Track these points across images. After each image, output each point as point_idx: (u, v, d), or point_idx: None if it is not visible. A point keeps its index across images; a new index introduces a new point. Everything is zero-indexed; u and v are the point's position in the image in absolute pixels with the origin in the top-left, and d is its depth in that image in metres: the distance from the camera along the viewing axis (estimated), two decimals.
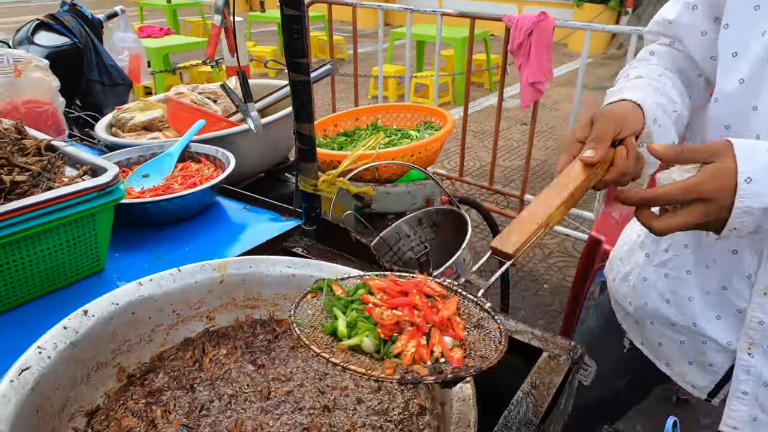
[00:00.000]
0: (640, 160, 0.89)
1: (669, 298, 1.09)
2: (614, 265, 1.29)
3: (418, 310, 0.69)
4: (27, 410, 0.69)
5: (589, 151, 0.84)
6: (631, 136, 0.88)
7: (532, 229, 0.76)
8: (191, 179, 1.36)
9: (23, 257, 0.94)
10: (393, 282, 0.75)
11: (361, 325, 0.67)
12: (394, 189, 1.58)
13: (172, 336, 0.94)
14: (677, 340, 1.12)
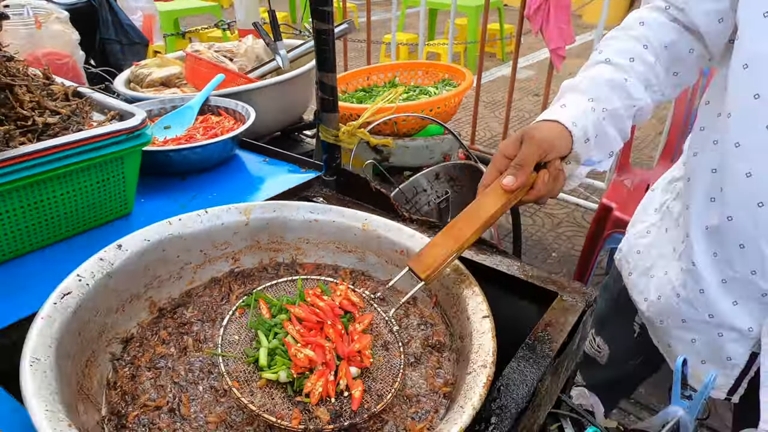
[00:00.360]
0: (561, 179, 0.92)
1: (680, 292, 1.06)
2: (630, 258, 1.25)
3: (332, 341, 0.79)
4: (71, 330, 0.73)
5: (509, 177, 0.86)
6: (556, 159, 0.90)
7: (446, 254, 0.84)
8: (212, 131, 1.38)
9: (56, 196, 0.98)
10: (312, 311, 0.83)
11: (279, 359, 0.76)
12: (412, 143, 1.60)
13: (199, 275, 0.97)
14: (688, 339, 1.09)
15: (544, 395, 0.78)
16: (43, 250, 1.01)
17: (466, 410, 0.63)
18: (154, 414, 0.72)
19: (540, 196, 0.89)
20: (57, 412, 0.60)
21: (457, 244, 0.84)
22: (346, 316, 0.85)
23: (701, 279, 1.01)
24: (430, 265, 0.82)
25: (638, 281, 1.20)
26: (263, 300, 0.86)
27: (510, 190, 0.86)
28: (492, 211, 0.86)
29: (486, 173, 0.92)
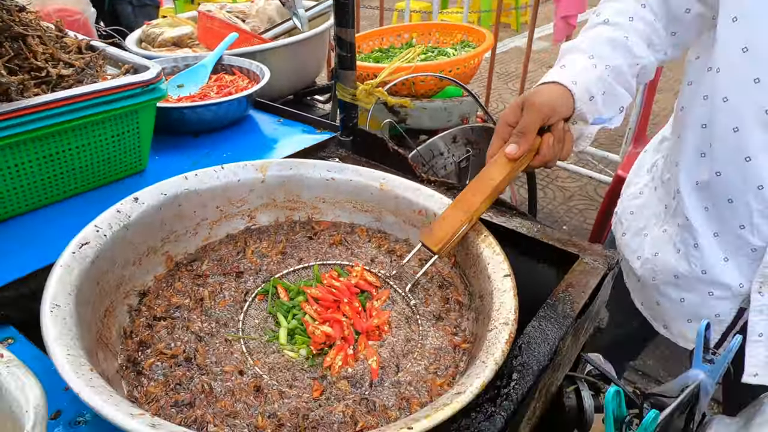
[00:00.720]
0: (568, 141, 0.90)
1: (680, 248, 1.08)
2: (623, 219, 1.28)
3: (348, 318, 0.80)
4: (89, 280, 0.73)
5: (512, 146, 0.86)
6: (560, 121, 0.88)
7: (457, 226, 0.84)
8: (226, 89, 1.36)
9: (71, 149, 0.96)
10: (328, 291, 0.84)
11: (298, 338, 0.77)
12: (430, 104, 1.57)
13: (215, 231, 0.97)
14: (677, 298, 1.12)
15: (564, 355, 0.77)
16: (59, 203, 1.01)
17: (489, 365, 0.63)
18: (171, 362, 0.72)
19: (546, 161, 0.89)
20: (78, 356, 0.59)
21: (467, 215, 0.84)
22: (363, 294, 0.86)
23: (696, 233, 1.03)
24: (441, 239, 0.83)
25: (631, 241, 1.22)
26: (281, 286, 0.87)
27: (513, 158, 0.86)
28: (498, 180, 0.86)
29: (491, 143, 0.92)
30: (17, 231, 0.93)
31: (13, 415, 0.38)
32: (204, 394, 0.67)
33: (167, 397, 0.67)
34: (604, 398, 0.69)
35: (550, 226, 0.97)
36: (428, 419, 0.55)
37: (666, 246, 1.12)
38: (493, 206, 1.03)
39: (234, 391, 0.68)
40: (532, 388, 0.67)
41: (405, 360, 0.76)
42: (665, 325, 1.19)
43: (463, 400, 0.58)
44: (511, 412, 0.63)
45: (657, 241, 1.15)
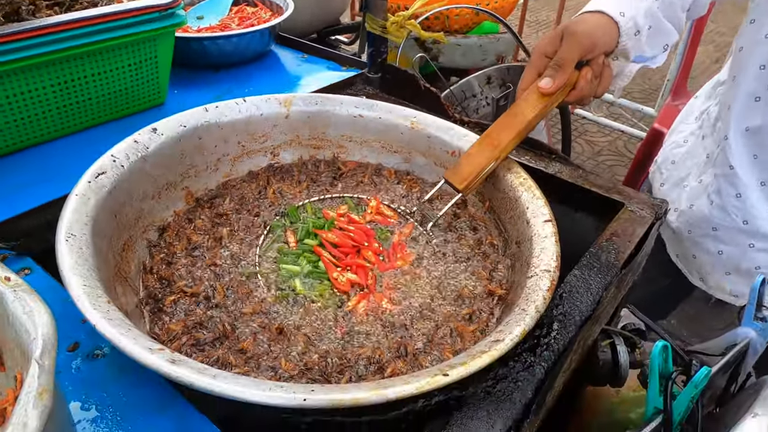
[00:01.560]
0: (606, 77, 0.82)
1: (714, 199, 1.04)
2: (663, 169, 1.22)
3: (371, 263, 0.77)
4: (106, 210, 0.69)
5: (546, 79, 0.79)
6: (600, 56, 0.80)
7: (484, 164, 0.78)
8: (248, 21, 1.28)
9: (87, 76, 0.91)
10: (346, 235, 0.79)
11: (319, 288, 0.73)
12: (464, 41, 1.47)
13: (237, 167, 0.92)
14: (715, 250, 1.08)
15: (606, 307, 0.73)
16: (76, 135, 0.97)
17: (529, 313, 0.58)
18: (191, 300, 0.69)
19: (582, 97, 0.82)
20: (95, 288, 0.56)
21: (494, 152, 0.79)
22: (382, 229, 0.82)
23: (739, 182, 0.98)
24: (467, 176, 0.78)
25: (669, 192, 1.18)
26: (290, 230, 0.82)
27: (547, 93, 0.79)
28: (530, 116, 0.80)
29: (523, 75, 0.85)
30: (33, 162, 0.89)
31: (22, 342, 0.35)
32: (226, 335, 0.64)
33: (189, 335, 0.64)
34: (651, 352, 0.64)
35: (592, 171, 0.91)
36: (465, 366, 0.52)
37: (700, 197, 1.08)
38: (532, 149, 0.96)
39: (256, 332, 0.65)
40: (573, 340, 0.62)
41: (434, 304, 0.72)
42: (702, 278, 1.15)
43: (502, 349, 0.54)
44: (551, 363, 0.59)
45: (693, 192, 1.11)
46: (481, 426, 0.52)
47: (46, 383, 0.31)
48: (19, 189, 0.82)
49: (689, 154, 1.15)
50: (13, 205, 0.78)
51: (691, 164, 1.14)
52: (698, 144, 1.13)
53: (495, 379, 0.57)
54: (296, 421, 0.54)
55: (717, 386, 0.79)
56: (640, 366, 0.80)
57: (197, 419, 0.52)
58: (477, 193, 0.88)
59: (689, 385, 0.60)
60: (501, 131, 0.80)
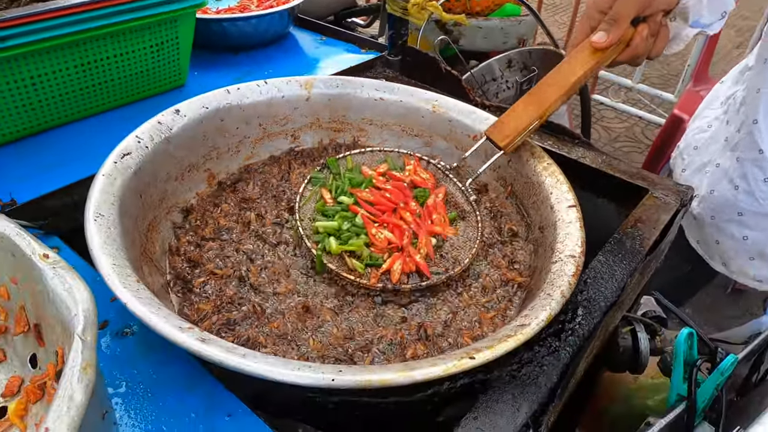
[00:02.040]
0: (662, 38, 0.78)
1: (739, 184, 1.03)
2: (686, 154, 1.20)
3: (407, 224, 0.75)
4: (132, 191, 0.70)
5: (600, 33, 0.75)
6: (658, 13, 0.76)
7: (527, 121, 0.76)
8: (267, 2, 1.27)
9: (109, 56, 0.91)
10: (382, 195, 0.78)
11: (355, 243, 0.72)
12: (486, 23, 1.44)
13: (258, 150, 0.92)
14: (740, 236, 1.07)
15: (629, 293, 0.72)
16: (99, 116, 0.97)
17: (555, 298, 0.58)
18: (221, 282, 0.70)
19: (636, 56, 0.78)
20: (124, 267, 0.57)
21: (539, 109, 0.76)
22: (421, 190, 0.81)
23: (764, 168, 0.98)
24: (509, 133, 0.75)
25: (691, 178, 1.16)
26: (325, 188, 0.81)
27: (601, 48, 0.76)
28: (579, 73, 0.76)
29: (576, 30, 0.81)
30: (58, 142, 0.90)
31: (62, 318, 0.35)
32: (255, 315, 0.65)
33: (219, 315, 0.64)
34: (676, 339, 0.64)
35: (616, 157, 0.89)
36: (491, 350, 0.52)
37: (721, 182, 1.07)
38: (554, 134, 0.95)
39: (285, 312, 0.66)
40: (598, 325, 0.62)
41: (462, 260, 0.72)
42: (724, 263, 1.14)
43: (528, 333, 0.54)
44: (576, 348, 0.59)
45: (714, 176, 1.10)
46: (506, 409, 0.52)
47: (89, 358, 0.31)
48: (45, 169, 0.83)
49: (712, 139, 1.13)
50: (40, 184, 0.79)
51: (714, 149, 1.12)
52: (722, 129, 1.12)
53: (520, 363, 0.57)
54: (323, 401, 0.55)
55: (739, 375, 0.78)
56: (660, 353, 0.80)
57: (226, 396, 0.53)
58: (499, 178, 0.87)
59: (715, 373, 0.60)
60: (547, 88, 0.77)
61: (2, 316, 0.44)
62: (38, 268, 0.38)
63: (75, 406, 0.28)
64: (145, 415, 0.51)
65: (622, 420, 1.02)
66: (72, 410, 0.28)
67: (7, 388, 0.42)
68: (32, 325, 0.41)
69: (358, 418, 0.59)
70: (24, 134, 0.89)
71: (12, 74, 0.82)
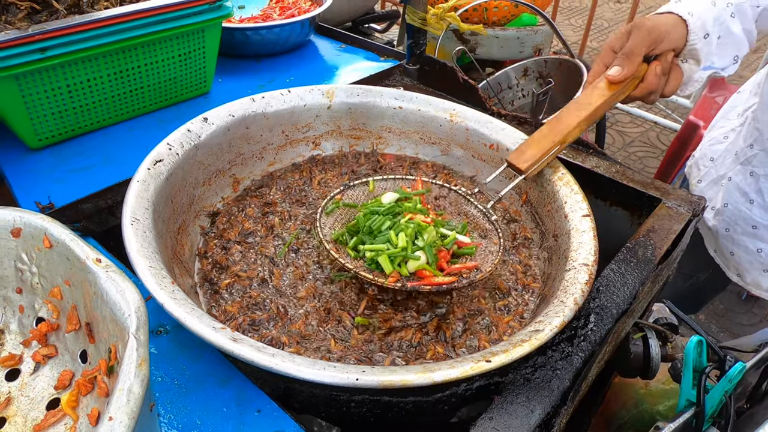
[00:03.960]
0: (674, 78, 0.83)
1: (753, 198, 1.04)
2: (701, 165, 1.21)
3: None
4: (164, 196, 0.73)
5: (615, 68, 0.80)
6: (669, 52, 0.81)
7: (548, 147, 0.79)
8: (289, 11, 1.31)
9: (141, 65, 0.96)
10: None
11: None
12: (503, 32, 1.47)
13: (280, 156, 0.96)
14: (754, 248, 1.09)
15: (641, 301, 0.74)
16: (129, 121, 1.01)
17: (568, 305, 0.60)
18: (246, 284, 0.73)
19: (650, 91, 0.83)
20: (160, 269, 0.60)
21: (559, 136, 0.80)
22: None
23: None
24: (530, 158, 0.79)
25: (707, 190, 1.17)
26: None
27: (616, 81, 0.80)
28: (597, 103, 0.81)
29: (591, 70, 0.87)
30: (92, 146, 0.94)
31: (115, 318, 0.38)
32: (279, 316, 0.68)
33: (244, 316, 0.68)
34: (686, 347, 0.66)
35: (629, 167, 0.91)
36: (506, 354, 0.54)
37: (733, 195, 1.09)
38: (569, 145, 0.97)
39: (307, 314, 0.69)
40: (609, 332, 0.65)
41: (484, 269, 0.74)
42: (739, 274, 1.16)
43: (542, 338, 0.56)
44: (589, 353, 0.61)
45: (727, 191, 1.11)
46: (520, 410, 0.55)
47: (144, 354, 0.34)
48: (79, 172, 0.87)
49: (728, 151, 1.14)
50: (76, 188, 0.83)
51: (730, 162, 1.13)
52: (738, 141, 1.13)
53: (534, 366, 0.59)
54: (345, 399, 0.58)
55: (748, 383, 0.80)
56: (671, 360, 0.82)
57: (255, 393, 0.56)
58: (515, 186, 0.89)
59: (723, 380, 0.62)
60: (567, 117, 0.81)
61: (55, 314, 0.47)
62: (92, 271, 0.41)
63: (134, 397, 0.32)
64: (180, 408, 0.54)
65: (632, 424, 1.04)
66: (131, 401, 0.31)
67: (60, 381, 0.46)
68: (83, 323, 0.45)
69: (377, 416, 0.62)
70: (60, 139, 0.93)
71: (51, 82, 0.86)
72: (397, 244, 0.70)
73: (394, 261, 0.69)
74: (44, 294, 0.48)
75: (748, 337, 0.83)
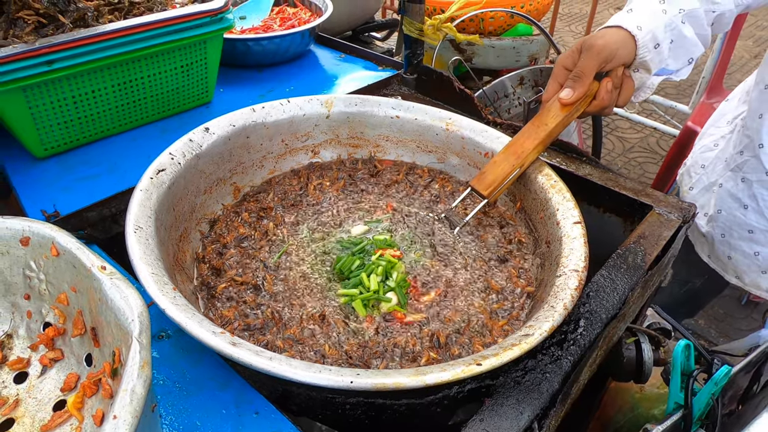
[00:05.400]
0: (627, 89, 0.85)
1: (747, 204, 1.06)
2: (693, 172, 1.23)
3: None
4: (166, 204, 0.75)
5: (566, 90, 0.82)
6: (619, 67, 0.83)
7: (508, 170, 0.82)
8: (289, 22, 1.34)
9: (144, 76, 0.98)
10: None
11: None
12: (498, 42, 1.50)
13: (280, 164, 0.98)
14: (751, 252, 1.10)
15: (631, 306, 0.76)
16: (132, 131, 1.04)
17: (558, 310, 0.62)
18: (241, 288, 0.75)
19: (602, 107, 0.85)
20: (162, 276, 0.62)
21: (518, 160, 0.82)
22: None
23: None
24: (491, 183, 0.82)
25: (699, 197, 1.19)
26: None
27: (568, 103, 0.83)
28: (551, 126, 0.84)
29: (547, 87, 0.88)
30: (97, 156, 0.97)
31: (119, 323, 0.40)
32: (274, 321, 0.70)
33: (240, 320, 0.70)
34: (674, 350, 0.68)
35: (622, 175, 0.93)
36: (497, 357, 0.56)
37: (727, 202, 1.10)
38: (563, 152, 0.99)
39: (302, 319, 0.71)
40: (599, 336, 0.66)
41: (465, 298, 0.76)
42: (737, 276, 1.18)
43: (532, 342, 0.58)
44: (578, 357, 0.63)
45: (719, 197, 1.13)
46: (510, 412, 0.57)
47: (146, 357, 0.36)
48: (84, 181, 0.90)
49: (719, 159, 1.16)
50: (80, 197, 0.85)
51: (721, 169, 1.15)
52: (728, 148, 1.15)
53: (524, 370, 0.61)
54: (340, 402, 0.60)
55: (739, 386, 0.81)
56: (664, 364, 0.83)
57: (253, 396, 0.58)
58: (509, 194, 0.92)
59: (709, 383, 0.64)
60: (525, 140, 0.84)
61: (62, 320, 0.49)
62: (97, 278, 0.43)
63: (137, 397, 0.34)
64: (181, 410, 0.56)
65: (628, 428, 1.06)
66: (134, 401, 0.33)
67: (66, 383, 0.48)
68: (89, 328, 0.47)
69: (372, 418, 0.64)
70: (66, 148, 0.96)
71: (57, 93, 0.89)
72: (369, 287, 0.75)
73: (367, 305, 0.74)
74: (51, 300, 0.50)
75: (739, 341, 0.84)
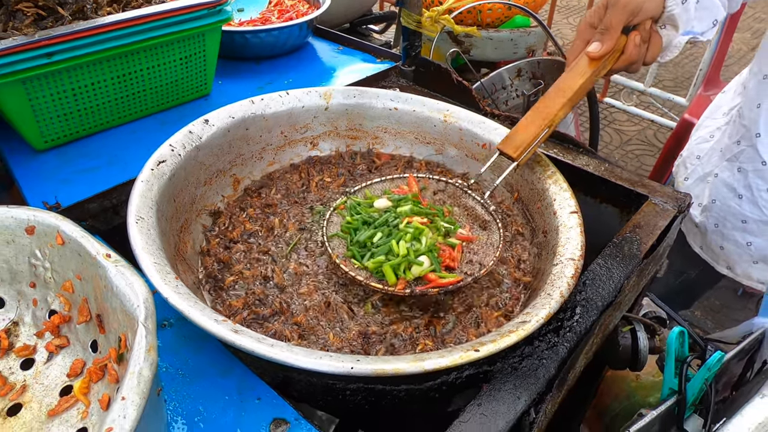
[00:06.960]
0: (654, 45, 0.82)
1: (742, 193, 1.07)
2: (688, 163, 1.24)
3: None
4: (167, 195, 0.76)
5: (594, 44, 0.80)
6: (647, 20, 0.80)
7: (536, 131, 0.80)
8: (287, 14, 1.34)
9: (143, 68, 0.98)
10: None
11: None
12: (496, 34, 1.50)
13: (279, 157, 0.98)
14: (744, 242, 1.11)
15: (626, 295, 0.77)
16: (131, 123, 1.04)
17: (554, 297, 0.63)
18: (250, 281, 0.76)
19: (631, 62, 0.82)
20: (164, 265, 0.63)
21: (546, 120, 0.80)
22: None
23: (765, 179, 1.01)
24: (519, 145, 0.80)
25: (693, 187, 1.20)
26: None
27: (596, 57, 0.80)
28: (580, 83, 0.81)
29: (572, 46, 0.86)
30: (97, 148, 0.97)
31: (125, 309, 0.41)
32: (281, 311, 0.71)
33: (248, 310, 0.71)
34: (668, 337, 0.69)
35: (618, 165, 0.94)
36: (494, 344, 0.57)
37: (722, 192, 1.11)
38: (560, 143, 1.00)
39: (308, 308, 0.72)
40: (595, 324, 0.67)
41: (487, 264, 0.76)
42: (729, 267, 1.19)
43: (529, 329, 0.59)
44: (573, 343, 0.64)
45: (715, 187, 1.13)
46: (507, 397, 0.58)
47: (152, 341, 0.37)
48: (85, 173, 0.90)
49: (714, 150, 1.17)
50: (81, 188, 0.86)
51: (716, 160, 1.16)
52: (724, 140, 1.15)
53: (521, 356, 0.62)
54: (341, 388, 0.61)
55: (733, 373, 0.83)
56: (659, 352, 0.85)
57: (256, 382, 0.59)
58: (506, 184, 0.93)
59: (702, 368, 0.65)
60: (551, 100, 0.81)
61: (67, 307, 0.50)
62: (102, 266, 0.44)
63: (144, 380, 0.34)
64: (184, 396, 0.57)
65: (624, 416, 1.07)
66: (141, 383, 0.34)
67: (72, 369, 0.49)
68: (94, 315, 0.48)
69: (372, 404, 0.65)
70: (66, 140, 0.96)
71: (56, 86, 0.89)
72: (398, 253, 0.73)
73: (399, 268, 0.72)
74: (57, 288, 0.51)
75: (732, 329, 0.86)
